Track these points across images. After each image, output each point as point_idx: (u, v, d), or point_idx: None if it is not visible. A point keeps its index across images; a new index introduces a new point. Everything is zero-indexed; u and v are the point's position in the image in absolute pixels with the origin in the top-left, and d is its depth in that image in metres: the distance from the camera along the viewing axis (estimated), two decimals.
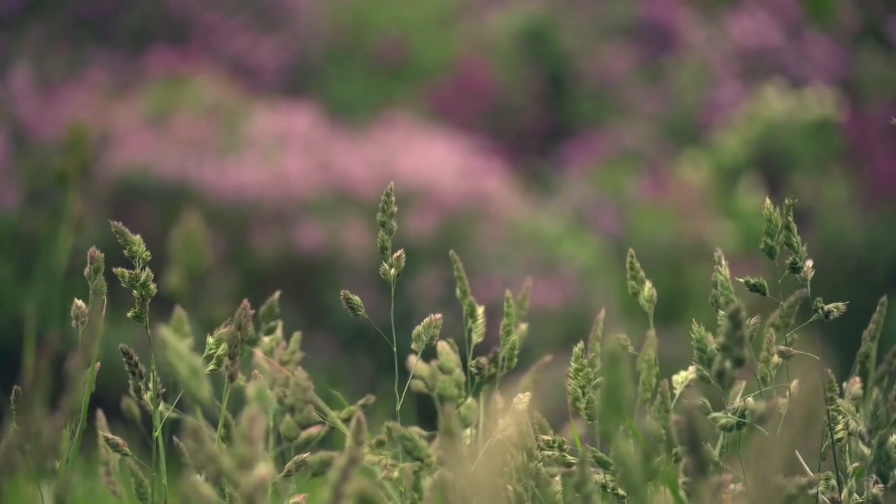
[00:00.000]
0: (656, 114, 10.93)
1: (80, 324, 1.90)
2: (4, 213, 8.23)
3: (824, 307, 1.87)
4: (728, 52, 11.04)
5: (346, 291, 1.97)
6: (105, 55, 10.21)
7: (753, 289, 1.87)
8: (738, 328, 1.56)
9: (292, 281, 8.02)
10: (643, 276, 2.05)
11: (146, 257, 1.92)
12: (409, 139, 9.09)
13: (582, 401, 1.89)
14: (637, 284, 2.05)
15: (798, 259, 1.87)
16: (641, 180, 10.06)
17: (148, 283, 1.92)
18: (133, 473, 2.02)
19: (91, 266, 1.90)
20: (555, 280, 8.32)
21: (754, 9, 11.20)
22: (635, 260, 2.05)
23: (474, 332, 2.05)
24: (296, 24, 10.99)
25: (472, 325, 2.06)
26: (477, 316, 2.06)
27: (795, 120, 10.06)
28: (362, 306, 1.99)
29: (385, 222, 2.01)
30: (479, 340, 2.04)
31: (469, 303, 2.07)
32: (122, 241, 1.91)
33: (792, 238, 1.87)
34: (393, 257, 2.02)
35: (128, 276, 1.91)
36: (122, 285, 1.94)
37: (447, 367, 1.68)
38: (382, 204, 2.01)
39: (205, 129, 8.63)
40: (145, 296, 1.92)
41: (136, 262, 1.92)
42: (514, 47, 11.13)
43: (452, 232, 8.41)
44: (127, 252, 1.91)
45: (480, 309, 2.07)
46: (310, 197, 8.31)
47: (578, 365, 1.92)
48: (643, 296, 2.04)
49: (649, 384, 2.00)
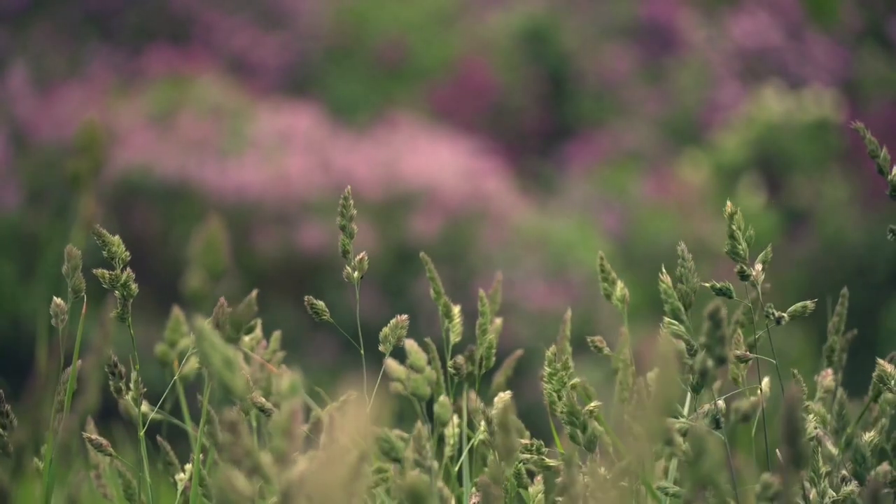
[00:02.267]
0: (657, 114, 10.94)
1: (60, 321, 1.90)
2: (5, 214, 8.23)
3: (775, 313, 1.88)
4: (728, 52, 11.05)
5: (309, 297, 1.98)
6: (107, 53, 10.21)
7: (719, 293, 1.88)
8: (718, 327, 1.57)
9: (293, 281, 8.02)
10: (615, 278, 2.06)
11: (125, 258, 1.92)
12: (412, 140, 9.09)
13: (558, 404, 1.89)
14: (609, 286, 2.08)
15: (745, 267, 1.88)
16: (643, 180, 10.06)
17: (129, 284, 1.92)
18: (121, 474, 2.02)
19: (69, 264, 1.91)
20: (561, 283, 8.32)
21: (755, 9, 11.21)
22: (605, 262, 2.08)
23: (451, 331, 2.06)
24: (297, 23, 11.00)
25: (448, 325, 2.07)
26: (452, 316, 2.08)
27: (795, 120, 10.07)
28: (327, 312, 2.00)
29: (345, 226, 2.02)
30: (457, 340, 2.06)
31: (444, 303, 2.09)
32: (101, 242, 1.91)
33: (738, 247, 1.88)
34: (356, 260, 2.03)
35: (108, 277, 1.92)
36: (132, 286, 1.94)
37: (417, 365, 1.69)
38: (341, 208, 2.02)
39: (207, 129, 8.63)
40: (127, 296, 1.92)
41: (115, 263, 1.92)
42: (515, 47, 11.14)
43: (456, 233, 8.41)
44: (106, 253, 1.92)
45: (456, 309, 2.09)
46: (311, 197, 8.32)
47: (552, 369, 1.91)
48: (615, 296, 2.07)
49: (626, 383, 2.01)
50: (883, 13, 10.86)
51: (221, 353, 1.36)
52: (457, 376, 2.04)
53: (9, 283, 7.96)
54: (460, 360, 2.05)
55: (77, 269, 1.91)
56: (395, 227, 8.31)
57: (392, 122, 9.64)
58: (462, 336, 2.07)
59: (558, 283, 8.35)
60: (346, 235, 2.02)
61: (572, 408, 1.80)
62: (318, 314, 1.98)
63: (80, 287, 1.91)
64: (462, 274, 8.30)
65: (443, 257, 8.20)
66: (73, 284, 1.90)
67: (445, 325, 2.07)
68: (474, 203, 8.65)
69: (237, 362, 1.36)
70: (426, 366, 1.69)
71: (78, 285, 1.90)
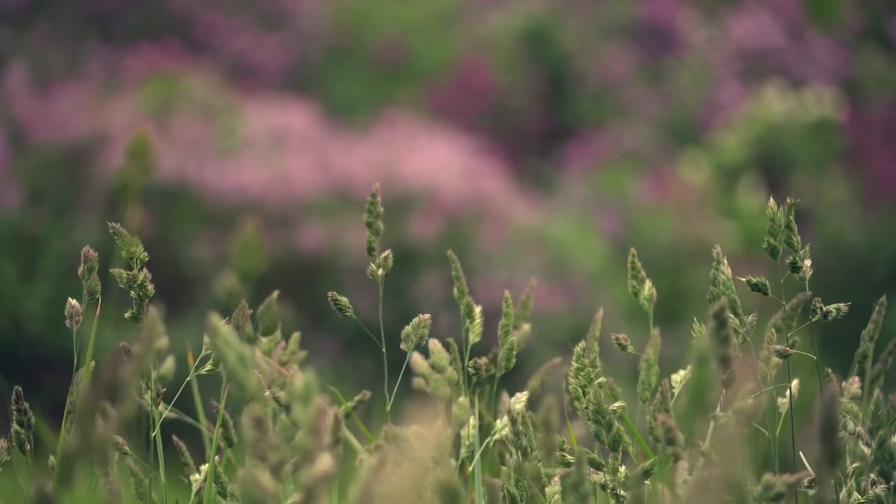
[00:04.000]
0: (657, 114, 10.93)
1: (74, 322, 1.90)
2: (5, 214, 8.22)
3: (823, 308, 1.87)
4: (729, 52, 11.04)
5: (333, 293, 1.97)
6: (107, 53, 10.21)
7: (755, 288, 1.87)
8: (722, 327, 1.56)
9: (294, 281, 8.02)
10: (644, 276, 2.05)
11: (144, 258, 1.92)
12: (412, 140, 9.08)
13: (583, 400, 1.88)
14: (637, 284, 2.05)
15: (798, 259, 1.87)
16: (642, 181, 10.06)
17: (146, 284, 1.91)
18: (133, 473, 2.01)
19: (85, 265, 1.90)
20: (561, 283, 8.31)
21: (755, 9, 11.20)
22: (636, 260, 2.05)
23: (471, 332, 2.04)
24: (297, 24, 11.00)
25: (469, 325, 2.05)
26: (474, 316, 2.05)
27: (795, 120, 10.06)
28: (350, 307, 1.98)
29: (372, 223, 2.01)
30: (477, 340, 2.04)
31: (466, 303, 2.06)
32: (120, 242, 1.91)
33: (793, 237, 1.87)
34: (381, 258, 2.01)
35: (125, 277, 1.91)
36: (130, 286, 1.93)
37: (439, 365, 1.68)
38: (368, 205, 2.01)
39: (203, 129, 8.62)
40: (143, 296, 1.91)
41: (133, 263, 1.91)
42: (515, 48, 11.13)
43: (455, 234, 8.40)
44: (125, 253, 1.91)
45: (478, 309, 2.07)
46: (311, 198, 8.31)
47: (580, 364, 1.91)
48: (643, 295, 2.04)
49: (648, 383, 1.99)
50: (883, 13, 10.85)
51: (237, 350, 1.35)
52: (476, 377, 2.03)
53: (9, 283, 7.95)
54: (482, 361, 2.04)
55: (93, 272, 1.91)
56: (395, 227, 8.30)
57: (392, 122, 9.64)
58: (459, 336, 2.06)
59: (558, 283, 8.34)
60: (373, 233, 2.00)
61: (599, 406, 1.80)
62: (342, 310, 1.97)
63: (95, 289, 1.90)
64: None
65: (442, 258, 8.18)
66: (89, 286, 1.90)
67: (466, 324, 2.05)
68: (474, 203, 8.64)
69: (252, 360, 1.35)
70: (448, 366, 1.69)
71: (93, 287, 1.90)
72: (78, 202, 8.24)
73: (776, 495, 1.50)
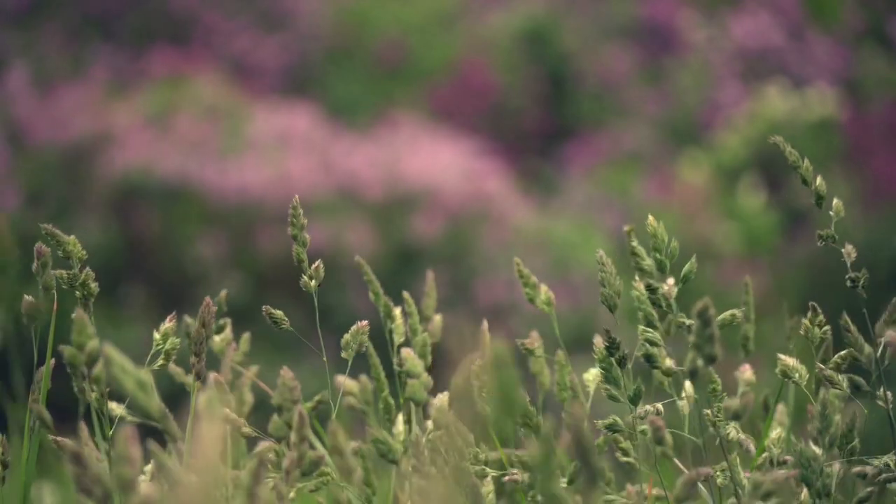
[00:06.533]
0: (657, 114, 10.94)
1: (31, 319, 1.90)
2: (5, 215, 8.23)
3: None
4: (729, 52, 11.04)
5: (267, 306, 2.00)
6: (108, 54, 10.22)
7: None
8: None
9: (295, 281, 8.01)
10: (535, 282, 2.07)
11: (82, 256, 1.91)
12: (414, 140, 9.09)
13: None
14: (531, 290, 2.10)
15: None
16: (644, 181, 10.06)
17: (88, 283, 1.91)
18: None
19: (38, 261, 1.90)
20: (563, 284, 8.32)
21: (756, 9, 11.21)
22: (523, 267, 2.10)
23: (395, 332, 2.08)
24: (297, 24, 11.00)
25: (391, 325, 2.10)
26: (394, 317, 2.10)
27: (796, 120, 10.06)
28: (286, 320, 2.02)
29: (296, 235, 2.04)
30: (401, 341, 2.08)
31: (384, 304, 2.11)
32: (55, 241, 1.91)
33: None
34: (312, 268, 2.06)
35: (66, 276, 1.91)
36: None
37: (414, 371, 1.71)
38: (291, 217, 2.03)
39: (205, 129, 8.63)
40: (87, 295, 1.91)
41: (73, 262, 1.90)
42: (515, 48, 11.13)
43: (457, 234, 8.41)
44: (61, 252, 1.90)
45: (397, 310, 2.11)
46: (313, 198, 8.32)
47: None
48: (540, 300, 2.09)
49: (564, 384, 2.04)
50: (883, 13, 10.85)
51: (133, 376, 1.32)
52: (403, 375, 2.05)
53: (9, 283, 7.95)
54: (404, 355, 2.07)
55: (47, 267, 1.90)
56: (396, 227, 8.30)
57: (393, 122, 9.64)
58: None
59: (559, 283, 8.34)
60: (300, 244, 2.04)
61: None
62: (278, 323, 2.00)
63: (50, 284, 1.90)
64: (463, 275, 8.30)
65: (444, 258, 8.20)
66: (44, 282, 1.90)
67: (388, 325, 2.09)
68: (475, 204, 8.64)
69: (151, 384, 1.33)
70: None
71: (48, 282, 1.90)
72: (78, 203, 8.25)
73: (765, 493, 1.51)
